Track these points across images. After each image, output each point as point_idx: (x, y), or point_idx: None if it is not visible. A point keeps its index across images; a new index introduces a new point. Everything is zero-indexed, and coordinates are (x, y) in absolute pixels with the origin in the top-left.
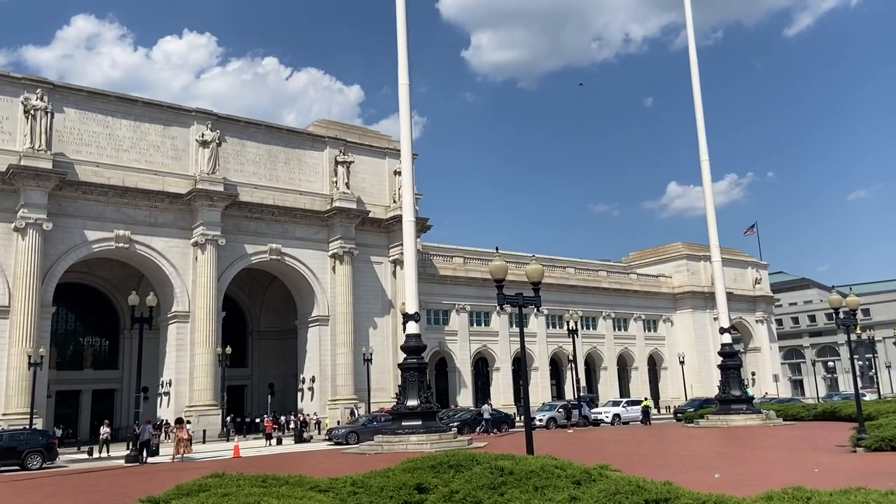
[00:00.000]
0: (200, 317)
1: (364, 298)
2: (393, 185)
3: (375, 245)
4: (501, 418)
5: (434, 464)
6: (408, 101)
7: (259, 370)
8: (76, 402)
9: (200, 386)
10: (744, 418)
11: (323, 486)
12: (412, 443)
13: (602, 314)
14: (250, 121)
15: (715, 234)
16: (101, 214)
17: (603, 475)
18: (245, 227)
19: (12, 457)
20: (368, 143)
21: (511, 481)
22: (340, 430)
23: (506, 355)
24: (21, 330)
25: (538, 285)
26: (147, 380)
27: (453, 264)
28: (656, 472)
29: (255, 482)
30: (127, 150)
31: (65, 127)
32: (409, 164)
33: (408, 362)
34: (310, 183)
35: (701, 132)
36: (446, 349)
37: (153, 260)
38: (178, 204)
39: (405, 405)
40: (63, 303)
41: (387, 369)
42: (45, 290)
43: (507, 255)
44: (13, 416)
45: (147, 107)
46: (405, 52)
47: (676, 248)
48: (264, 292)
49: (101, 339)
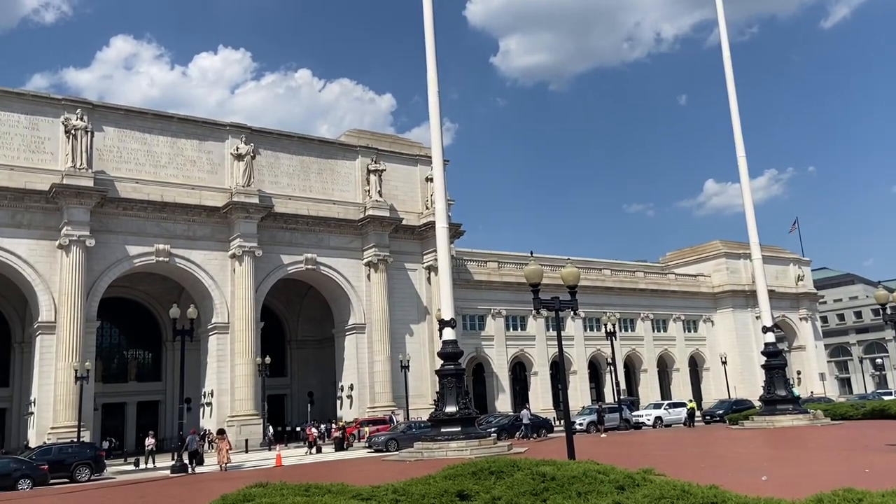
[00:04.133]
0: (240, 328)
1: (399, 305)
2: (425, 191)
3: (409, 252)
4: (540, 423)
5: (475, 470)
6: (438, 108)
7: (298, 379)
8: (122, 414)
9: (242, 396)
10: (790, 419)
11: (365, 494)
12: (452, 449)
13: (640, 316)
14: (283, 133)
15: (754, 231)
16: (141, 229)
17: (647, 480)
18: (281, 238)
19: (62, 469)
20: (400, 150)
21: (553, 487)
22: (380, 437)
23: (543, 359)
24: (67, 345)
25: (574, 288)
26: (189, 391)
27: (487, 269)
28: (701, 476)
29: (298, 491)
30: (164, 165)
31: (105, 145)
32: (440, 171)
33: (445, 368)
34: (343, 192)
35: (737, 128)
36: (483, 354)
37: (192, 273)
38: (215, 217)
39: (444, 411)
40: (107, 317)
41: (424, 376)
42: (90, 305)
43: (541, 259)
44: (61, 429)
45: (183, 123)
46: (434, 60)
47: (715, 247)
48: (301, 302)
49: (144, 351)
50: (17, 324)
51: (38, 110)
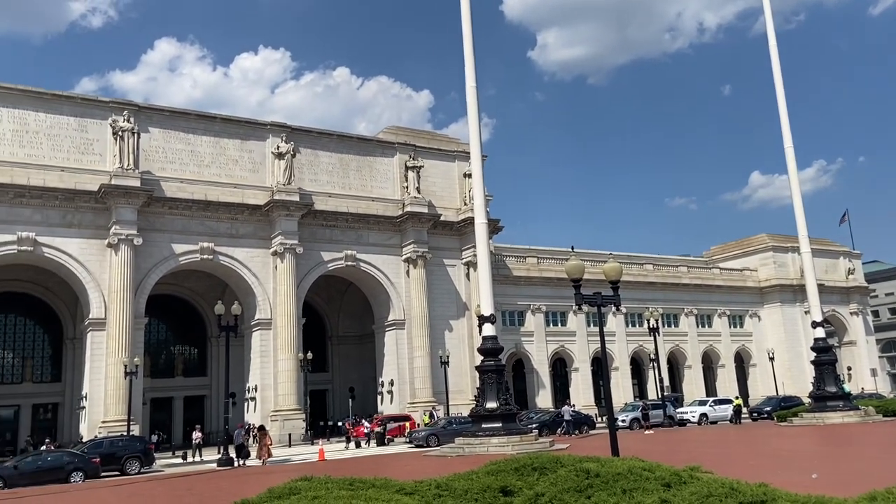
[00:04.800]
0: (282, 324)
1: (438, 301)
2: (463, 187)
3: (448, 248)
4: (582, 419)
5: (517, 466)
6: (476, 103)
7: (339, 374)
8: (169, 408)
9: (284, 391)
10: (841, 416)
11: (408, 489)
12: (493, 445)
13: (684, 311)
14: (322, 131)
15: (803, 223)
16: (186, 228)
17: (694, 477)
18: (321, 235)
19: (112, 462)
20: (437, 146)
21: (597, 484)
22: (420, 432)
23: (584, 355)
24: (117, 341)
25: (617, 284)
26: (234, 385)
27: (527, 265)
28: (749, 474)
29: (342, 485)
30: (208, 165)
31: (150, 146)
32: (479, 166)
33: (485, 364)
34: (381, 189)
35: (784, 118)
36: (523, 350)
37: (236, 270)
38: (257, 215)
39: (484, 407)
40: (154, 314)
41: (464, 371)
42: (138, 302)
43: (582, 254)
44: (112, 423)
45: (225, 123)
46: (471, 55)
47: (762, 240)
48: (341, 298)
49: (190, 347)
50: (68, 321)
51: (86, 113)
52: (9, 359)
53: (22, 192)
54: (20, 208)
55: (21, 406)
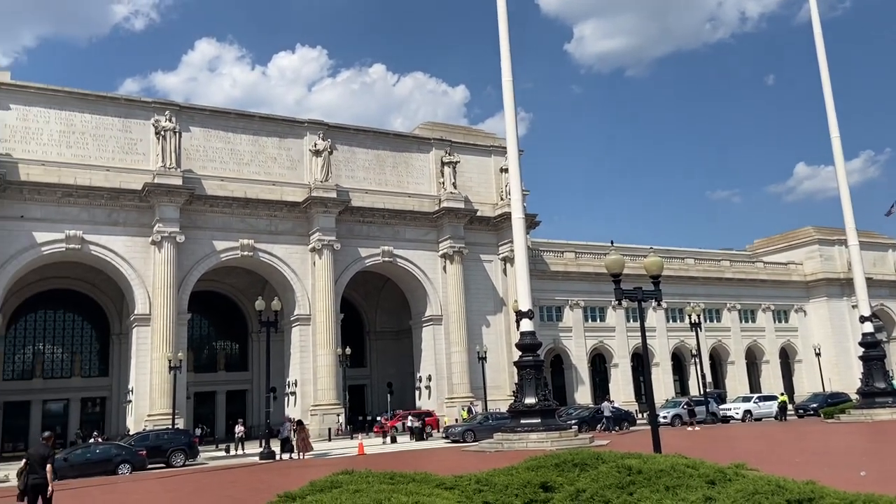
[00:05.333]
0: (320, 319)
1: (475, 297)
2: (499, 182)
3: (484, 243)
4: (622, 416)
5: (558, 462)
6: (512, 97)
7: (377, 370)
8: (212, 402)
9: (323, 386)
10: (890, 412)
11: (448, 484)
12: (532, 441)
13: (727, 306)
14: (359, 128)
15: (850, 215)
16: (226, 225)
17: (739, 474)
18: (358, 231)
19: (158, 455)
20: (473, 142)
21: (640, 481)
22: (457, 427)
23: (624, 351)
24: (161, 336)
25: (658, 278)
26: (275, 380)
27: (564, 259)
28: (796, 471)
29: (383, 479)
30: (247, 163)
31: (191, 145)
32: (515, 161)
33: (523, 360)
34: (417, 185)
35: (830, 108)
36: (561, 346)
37: (275, 266)
38: (296, 212)
39: (523, 403)
40: (197, 310)
41: (501, 367)
42: (181, 299)
43: (621, 248)
44: (157, 416)
45: (264, 121)
46: (507, 49)
47: (807, 233)
48: (379, 294)
49: (231, 342)
50: (115, 317)
51: (130, 113)
52: (58, 354)
53: (69, 192)
54: (68, 207)
55: (70, 400)
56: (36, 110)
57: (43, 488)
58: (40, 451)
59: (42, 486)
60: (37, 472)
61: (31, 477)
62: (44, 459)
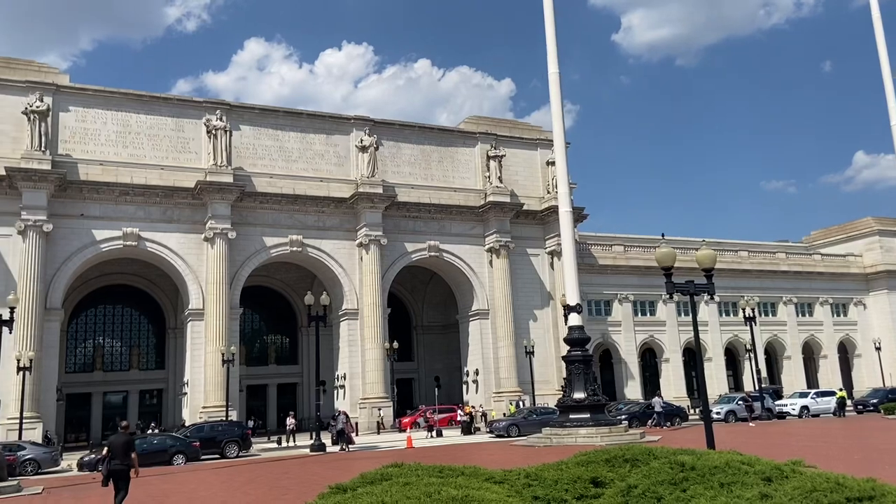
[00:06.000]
0: (368, 314)
1: (522, 291)
2: (546, 175)
3: (531, 237)
4: (674, 411)
5: (608, 457)
6: (558, 89)
7: (425, 364)
8: (263, 395)
9: (372, 379)
10: None
11: (497, 478)
12: (581, 436)
13: (782, 299)
14: (404, 123)
15: None
16: (276, 221)
17: (796, 471)
18: (404, 226)
19: (213, 446)
20: (519, 135)
21: (693, 477)
22: (501, 422)
23: (675, 345)
24: (214, 330)
25: (711, 271)
26: (324, 374)
27: (613, 253)
28: (856, 468)
29: (432, 472)
30: (295, 160)
31: (241, 143)
32: (562, 154)
33: (572, 354)
34: (463, 179)
35: (890, 93)
36: (610, 340)
37: (323, 261)
38: (343, 208)
39: (571, 398)
40: (248, 304)
41: (549, 362)
42: (233, 294)
43: (672, 241)
44: (211, 408)
45: (311, 118)
46: (554, 40)
47: (867, 224)
48: (425, 288)
49: (282, 336)
50: (170, 311)
51: (182, 113)
52: (117, 347)
53: (126, 191)
54: (125, 205)
55: (129, 392)
56: (94, 112)
57: (124, 473)
58: (121, 439)
59: (123, 472)
60: (118, 458)
61: (112, 463)
62: (126, 447)
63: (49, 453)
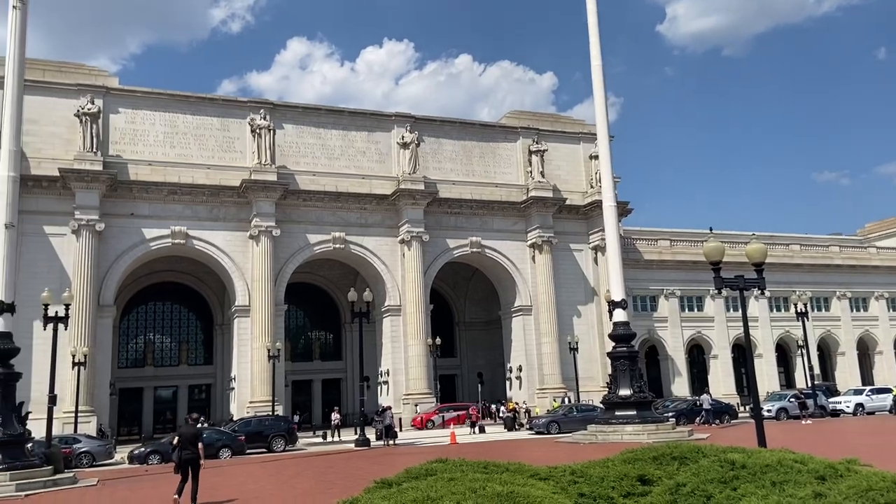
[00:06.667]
0: (410, 310)
1: (565, 287)
2: (589, 169)
3: (574, 232)
4: (723, 408)
5: (656, 455)
6: (602, 82)
7: (467, 360)
8: (308, 390)
9: (415, 375)
10: None
11: (542, 475)
12: (627, 433)
13: (836, 294)
14: (445, 119)
15: None
16: (319, 219)
17: (851, 470)
18: (446, 223)
19: (260, 440)
20: (561, 129)
21: (744, 475)
22: (541, 419)
23: (724, 341)
24: (260, 327)
25: (761, 266)
26: (367, 369)
27: (659, 248)
28: None
29: (477, 468)
30: (337, 157)
31: (285, 141)
32: (606, 147)
33: (617, 351)
34: (505, 174)
35: None
36: (656, 336)
37: (365, 258)
38: (385, 204)
39: (617, 395)
40: (292, 301)
41: (593, 358)
42: (278, 290)
43: (720, 235)
44: (258, 403)
45: (353, 116)
46: (596, 32)
47: None
48: (467, 284)
49: (326, 332)
50: (217, 308)
51: (227, 113)
52: (167, 343)
53: (174, 190)
54: (173, 204)
55: (179, 387)
56: (142, 113)
57: (194, 461)
58: (191, 430)
59: (193, 460)
60: (188, 448)
61: (183, 452)
62: (195, 437)
63: (103, 446)
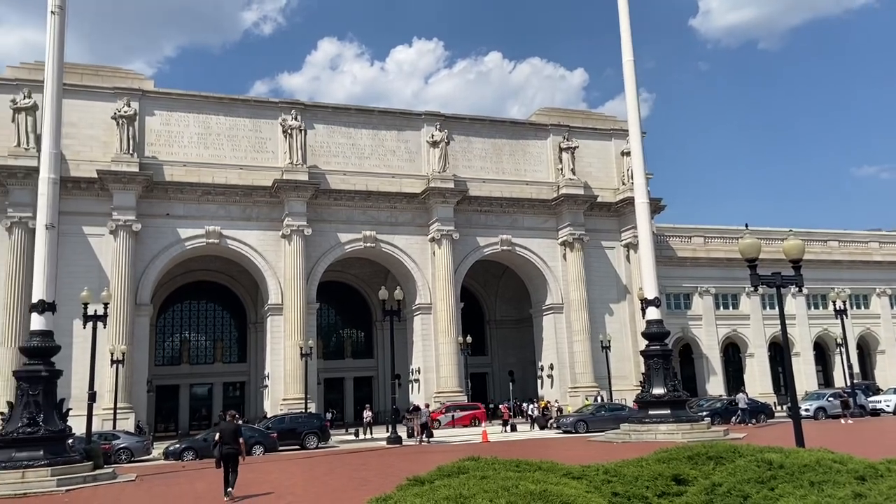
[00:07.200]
0: (441, 308)
1: (597, 285)
2: (620, 166)
3: (606, 230)
4: (759, 408)
5: (691, 454)
6: (633, 77)
7: (498, 358)
8: (340, 388)
9: (446, 373)
10: None
11: (575, 473)
12: (661, 432)
13: (876, 291)
14: (475, 117)
15: None
16: (349, 218)
17: (892, 470)
18: (476, 221)
19: (293, 437)
20: (592, 126)
21: (781, 475)
22: (569, 418)
23: (760, 340)
24: (292, 325)
25: (798, 262)
26: (399, 367)
27: (692, 245)
28: None
29: (509, 466)
30: (368, 156)
31: (315, 141)
32: (638, 144)
33: (651, 349)
34: (535, 172)
35: None
36: (690, 335)
37: (396, 256)
38: (415, 203)
39: (650, 393)
40: (324, 299)
41: (626, 356)
42: (310, 289)
43: (756, 232)
44: (291, 400)
45: (383, 115)
46: (628, 28)
47: None
48: (498, 282)
49: (357, 330)
50: (251, 306)
51: (259, 114)
52: (202, 341)
53: (208, 190)
54: (207, 205)
55: (213, 384)
56: (177, 115)
57: (234, 456)
58: (230, 426)
59: (233, 455)
60: (228, 443)
61: (224, 447)
62: (235, 433)
63: (141, 442)
